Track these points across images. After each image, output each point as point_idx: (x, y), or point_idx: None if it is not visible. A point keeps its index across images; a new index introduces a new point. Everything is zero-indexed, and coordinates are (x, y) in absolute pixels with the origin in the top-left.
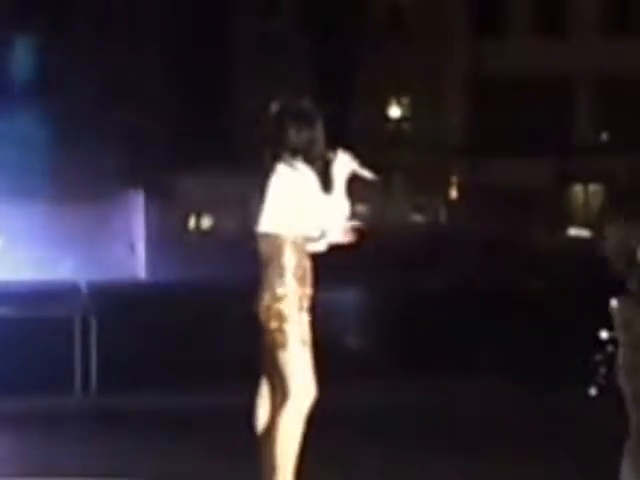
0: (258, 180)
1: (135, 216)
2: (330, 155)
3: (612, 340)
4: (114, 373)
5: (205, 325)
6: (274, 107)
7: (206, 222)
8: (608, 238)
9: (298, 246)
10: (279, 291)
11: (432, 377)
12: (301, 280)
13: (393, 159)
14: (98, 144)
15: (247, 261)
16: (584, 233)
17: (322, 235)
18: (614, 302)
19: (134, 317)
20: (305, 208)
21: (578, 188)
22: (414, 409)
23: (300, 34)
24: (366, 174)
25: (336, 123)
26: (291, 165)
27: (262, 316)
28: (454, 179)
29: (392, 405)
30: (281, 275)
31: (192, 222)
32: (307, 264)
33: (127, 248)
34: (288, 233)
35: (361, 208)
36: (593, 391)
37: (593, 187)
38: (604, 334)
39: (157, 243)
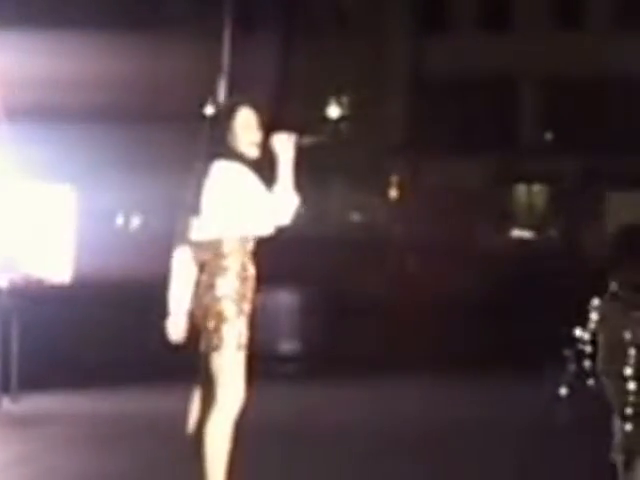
0: (190, 181)
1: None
2: (271, 143)
3: (585, 340)
4: (35, 374)
5: (131, 325)
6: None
7: (135, 221)
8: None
9: (242, 247)
10: (220, 291)
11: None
12: (244, 282)
13: (332, 159)
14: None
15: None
16: (527, 234)
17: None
18: (595, 301)
19: (57, 316)
20: (245, 208)
21: (521, 188)
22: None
23: (235, 29)
24: (308, 140)
25: (272, 123)
26: (226, 164)
27: (200, 315)
28: (394, 179)
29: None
30: (224, 276)
31: (120, 221)
32: (251, 267)
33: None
34: (230, 235)
35: (299, 209)
36: (563, 391)
37: (537, 187)
38: (577, 332)
39: (84, 241)
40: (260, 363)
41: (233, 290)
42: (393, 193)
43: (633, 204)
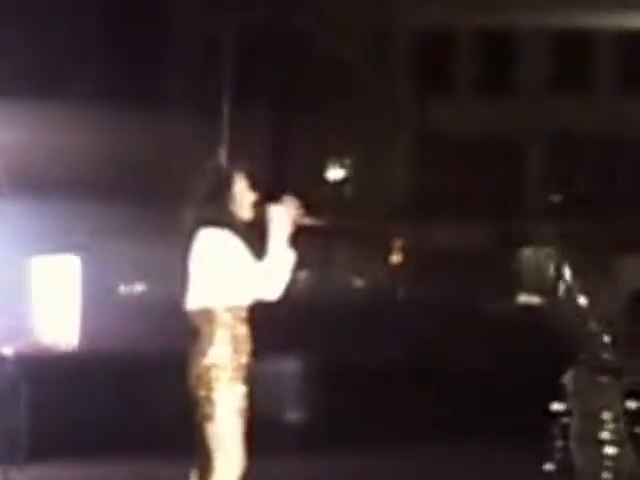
0: (180, 249)
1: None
2: (265, 212)
3: (566, 412)
4: (45, 442)
5: (140, 393)
6: (201, 173)
7: (139, 287)
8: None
9: (231, 315)
10: (209, 360)
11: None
12: (236, 349)
13: (333, 222)
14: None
15: (181, 328)
16: (535, 300)
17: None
18: (567, 374)
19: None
20: (232, 277)
21: (528, 252)
22: None
23: (235, 88)
24: (308, 220)
25: (272, 184)
26: (214, 232)
27: (192, 384)
28: (397, 243)
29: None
30: (211, 344)
31: (124, 287)
32: (242, 332)
33: None
34: (218, 305)
35: (301, 274)
36: (550, 466)
37: (544, 250)
38: (555, 406)
39: (89, 308)
40: (262, 431)
41: (225, 358)
42: (396, 257)
43: None
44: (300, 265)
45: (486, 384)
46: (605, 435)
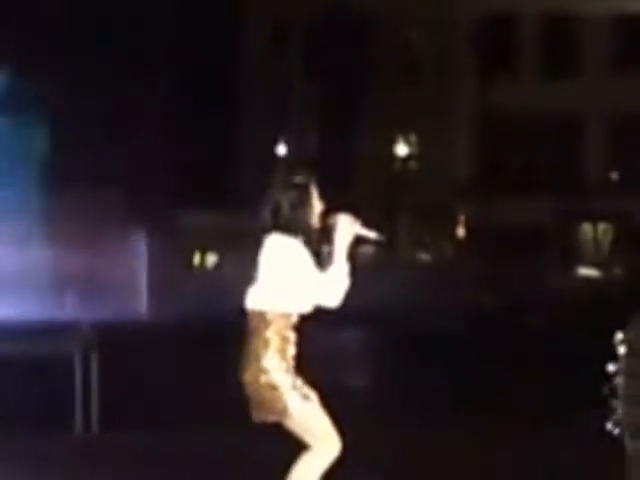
0: (250, 249)
1: (138, 253)
2: (332, 220)
3: (618, 372)
4: (116, 412)
5: (205, 365)
6: (274, 181)
7: (211, 259)
8: None
9: (285, 321)
10: (265, 363)
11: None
12: (284, 354)
13: (400, 197)
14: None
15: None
16: (594, 272)
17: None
18: (619, 334)
19: (136, 355)
20: (295, 285)
21: (587, 227)
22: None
23: (306, 73)
24: (371, 235)
25: (343, 163)
26: (283, 239)
27: (251, 388)
28: (461, 217)
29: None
30: (266, 347)
31: (196, 259)
32: (292, 339)
33: None
34: (276, 310)
35: (367, 247)
36: (610, 425)
37: (602, 226)
38: (611, 367)
39: (160, 280)
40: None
41: (276, 361)
42: (460, 232)
43: None
44: (366, 241)
45: (549, 352)
46: None
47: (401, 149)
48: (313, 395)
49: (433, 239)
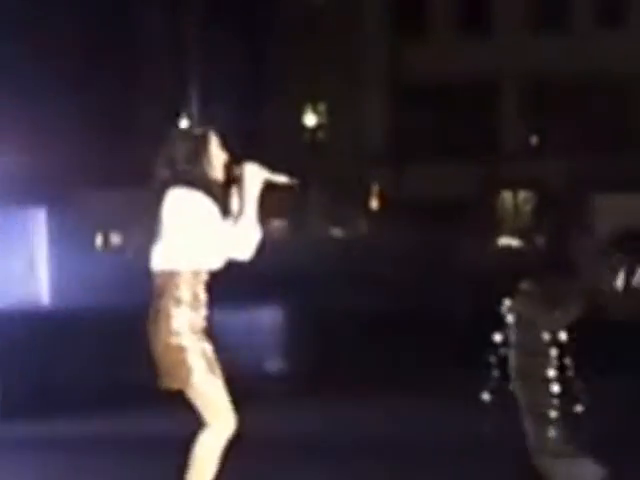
0: (149, 206)
1: (36, 233)
2: (238, 171)
3: (504, 343)
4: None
5: (113, 352)
6: (171, 134)
7: (115, 239)
8: None
9: (196, 278)
10: (174, 324)
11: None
12: (197, 311)
13: (310, 170)
14: None
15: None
16: (514, 242)
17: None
18: (506, 302)
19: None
20: (202, 240)
21: (507, 195)
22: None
23: (206, 33)
24: (282, 179)
25: (247, 134)
26: (184, 193)
27: (160, 350)
28: (375, 189)
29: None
30: (177, 306)
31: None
32: (202, 295)
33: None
34: (185, 268)
35: (278, 223)
36: (486, 396)
37: (523, 193)
38: (497, 337)
39: (61, 263)
40: (246, 383)
41: (187, 321)
42: (374, 204)
43: (620, 206)
44: (275, 214)
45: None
46: (551, 373)
47: (310, 119)
48: (218, 370)
49: (346, 211)
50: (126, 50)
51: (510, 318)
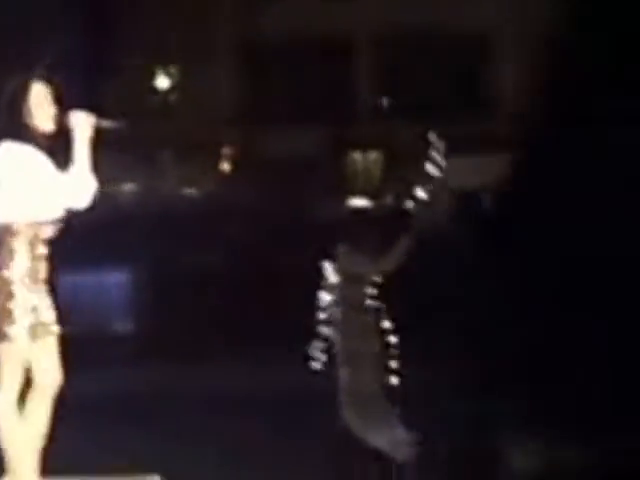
0: None
1: None
2: (66, 120)
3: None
4: None
5: None
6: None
7: None
8: None
9: (32, 229)
10: (9, 274)
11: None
12: (35, 262)
13: (160, 132)
14: None
15: None
16: (364, 203)
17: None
18: (326, 264)
19: None
20: (35, 191)
21: (357, 156)
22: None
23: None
24: (108, 123)
25: (93, 96)
26: (13, 146)
27: None
28: (226, 151)
29: None
30: (12, 258)
31: None
32: (42, 247)
33: None
34: (21, 220)
35: (130, 186)
36: (317, 365)
37: (373, 154)
38: (325, 297)
39: None
40: (91, 344)
41: (25, 273)
42: (226, 166)
43: (470, 169)
44: (126, 176)
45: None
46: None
47: (161, 81)
48: (54, 329)
49: (199, 174)
50: None
51: (333, 278)
